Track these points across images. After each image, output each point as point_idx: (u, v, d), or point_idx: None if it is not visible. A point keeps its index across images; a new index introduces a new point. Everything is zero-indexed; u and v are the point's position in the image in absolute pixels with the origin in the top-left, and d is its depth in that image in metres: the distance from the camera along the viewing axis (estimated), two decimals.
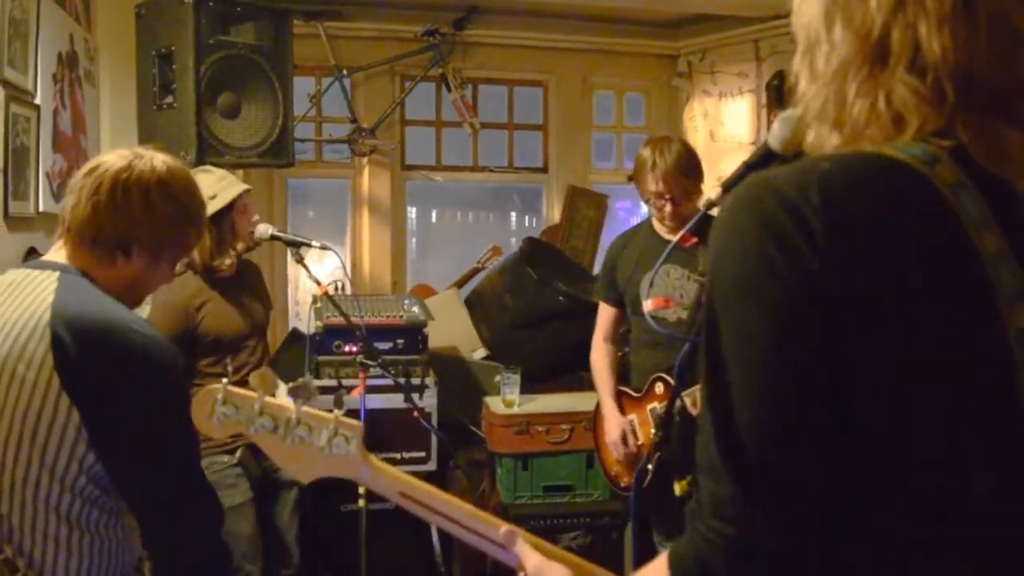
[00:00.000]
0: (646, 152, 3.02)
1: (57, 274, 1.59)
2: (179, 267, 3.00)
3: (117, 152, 1.70)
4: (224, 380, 0.91)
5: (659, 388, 3.05)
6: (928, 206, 0.84)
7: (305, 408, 0.92)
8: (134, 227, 1.63)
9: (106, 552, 1.56)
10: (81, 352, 1.47)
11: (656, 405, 3.04)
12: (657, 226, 3.11)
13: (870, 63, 0.89)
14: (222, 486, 2.84)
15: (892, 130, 0.88)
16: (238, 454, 2.95)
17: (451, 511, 1.02)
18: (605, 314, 3.32)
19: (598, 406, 3.31)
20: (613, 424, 3.17)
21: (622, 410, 3.20)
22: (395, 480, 0.98)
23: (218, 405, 0.91)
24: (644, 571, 0.94)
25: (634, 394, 3.16)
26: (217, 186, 2.98)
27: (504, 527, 1.04)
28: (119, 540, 1.59)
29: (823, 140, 0.93)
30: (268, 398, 0.92)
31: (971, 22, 0.86)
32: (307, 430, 0.91)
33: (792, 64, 0.98)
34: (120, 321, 1.54)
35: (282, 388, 0.97)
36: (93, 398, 1.48)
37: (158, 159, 1.68)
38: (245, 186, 3.06)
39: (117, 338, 1.51)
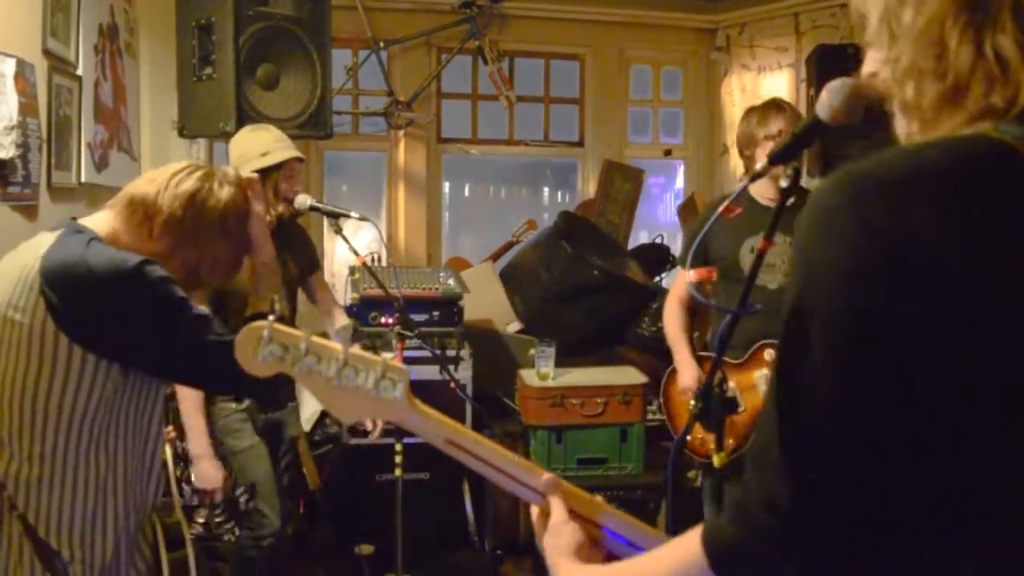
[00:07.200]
0: (759, 106, 3.12)
1: (60, 231, 1.70)
2: None
3: (200, 165, 1.86)
4: (271, 317, 0.91)
5: (768, 355, 2.97)
6: None
7: (352, 350, 0.92)
8: (183, 237, 1.77)
9: (100, 490, 1.70)
10: (60, 293, 1.61)
11: (767, 371, 2.94)
12: (756, 192, 3.07)
13: (969, 10, 0.85)
14: (229, 431, 3.02)
15: (1000, 80, 0.84)
16: (246, 402, 3.04)
17: (496, 459, 1.02)
18: (683, 281, 3.21)
19: (668, 377, 3.24)
20: (689, 372, 3.11)
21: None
22: (442, 426, 0.98)
23: (263, 344, 0.91)
24: (675, 541, 0.93)
25: (733, 362, 3.04)
26: (272, 145, 3.03)
27: (547, 475, 1.04)
28: (115, 480, 1.73)
29: (920, 96, 0.89)
30: (315, 338, 0.92)
31: None
32: (354, 372, 0.91)
33: (867, 33, 0.94)
34: (82, 253, 1.65)
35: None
36: (87, 329, 1.62)
37: (226, 191, 1.81)
38: (298, 153, 3.09)
39: (79, 268, 1.62)
